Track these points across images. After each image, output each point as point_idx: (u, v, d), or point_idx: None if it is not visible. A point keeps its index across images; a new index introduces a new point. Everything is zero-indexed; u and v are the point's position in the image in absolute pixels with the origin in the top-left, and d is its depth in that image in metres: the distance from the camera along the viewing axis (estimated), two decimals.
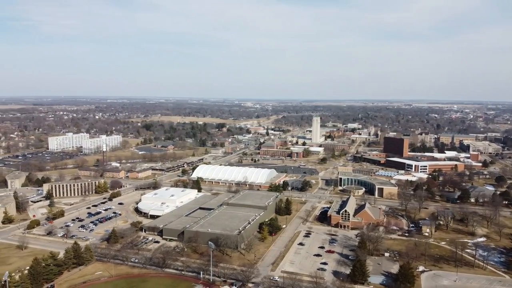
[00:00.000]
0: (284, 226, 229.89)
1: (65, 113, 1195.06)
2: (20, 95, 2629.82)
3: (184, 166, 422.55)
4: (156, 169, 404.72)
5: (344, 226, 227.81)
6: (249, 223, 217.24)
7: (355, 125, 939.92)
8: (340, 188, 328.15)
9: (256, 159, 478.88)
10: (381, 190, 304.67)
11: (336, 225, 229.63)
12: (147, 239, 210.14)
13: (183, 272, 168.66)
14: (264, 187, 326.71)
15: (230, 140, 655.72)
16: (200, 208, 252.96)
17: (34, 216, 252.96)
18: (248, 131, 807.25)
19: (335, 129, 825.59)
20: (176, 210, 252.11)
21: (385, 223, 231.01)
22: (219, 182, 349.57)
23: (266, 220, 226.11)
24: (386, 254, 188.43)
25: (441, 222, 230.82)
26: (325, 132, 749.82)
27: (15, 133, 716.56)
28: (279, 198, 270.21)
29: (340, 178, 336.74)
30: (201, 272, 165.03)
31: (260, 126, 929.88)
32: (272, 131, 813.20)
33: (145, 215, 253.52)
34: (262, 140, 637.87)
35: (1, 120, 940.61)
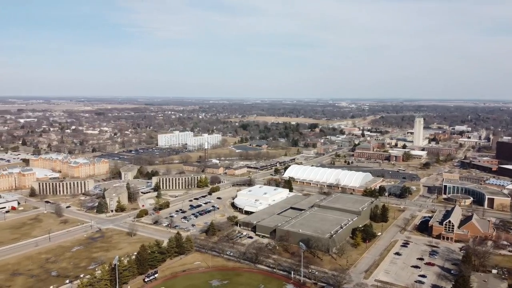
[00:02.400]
0: (379, 233, 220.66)
1: (172, 112, 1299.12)
2: (134, 96, 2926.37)
3: (276, 165, 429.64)
4: (251, 167, 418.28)
5: (447, 238, 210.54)
6: (341, 227, 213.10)
7: (463, 128, 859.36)
8: (444, 196, 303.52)
9: (350, 161, 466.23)
10: (491, 200, 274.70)
11: (438, 237, 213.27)
12: (242, 233, 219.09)
13: (274, 270, 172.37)
14: (358, 191, 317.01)
15: (322, 140, 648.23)
16: (291, 208, 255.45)
17: (143, 206, 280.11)
18: (342, 132, 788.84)
19: (440, 132, 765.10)
20: (269, 208, 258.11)
21: (494, 237, 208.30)
22: (310, 183, 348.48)
23: (360, 226, 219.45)
24: (494, 271, 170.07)
25: None
26: (429, 134, 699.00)
27: (129, 130, 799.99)
28: (374, 204, 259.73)
29: (445, 186, 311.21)
30: (292, 272, 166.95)
31: (355, 126, 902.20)
32: (368, 132, 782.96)
33: (240, 210, 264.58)
34: (357, 142, 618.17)
35: (118, 118, 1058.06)
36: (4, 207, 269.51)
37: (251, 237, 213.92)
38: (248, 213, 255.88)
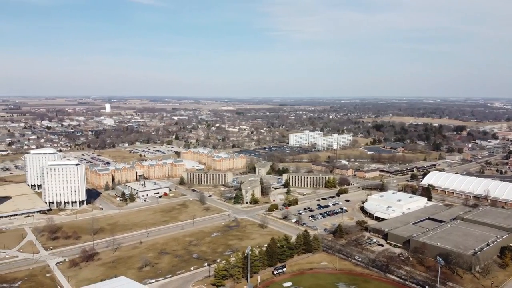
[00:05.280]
0: None
1: (304, 112, 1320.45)
2: (270, 97, 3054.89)
3: (413, 171, 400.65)
4: (384, 171, 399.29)
5: None
6: (487, 244, 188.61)
7: None
8: None
9: (503, 171, 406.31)
10: None
11: None
12: (371, 240, 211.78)
13: (406, 282, 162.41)
14: (511, 205, 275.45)
15: (470, 145, 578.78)
16: (429, 219, 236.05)
17: (274, 200, 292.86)
18: (495, 136, 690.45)
19: None
20: (402, 216, 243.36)
21: None
22: (453, 193, 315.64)
23: (511, 244, 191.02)
24: None
25: None
26: None
27: (264, 128, 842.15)
28: None
29: None
30: (426, 287, 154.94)
31: (511, 130, 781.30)
32: None
33: (370, 215, 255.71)
34: None
35: (255, 117, 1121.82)
36: (158, 193, 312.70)
37: (381, 245, 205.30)
38: (378, 219, 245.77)
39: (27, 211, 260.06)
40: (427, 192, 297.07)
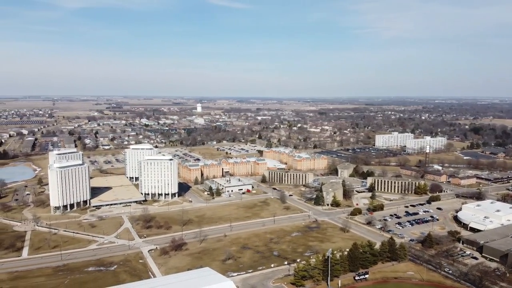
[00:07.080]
0: None
1: (392, 113, 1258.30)
2: (355, 96, 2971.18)
3: None
4: (482, 178, 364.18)
5: None
6: None
7: None
8: None
9: None
10: None
11: None
12: (464, 252, 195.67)
13: None
14: None
15: None
16: None
17: (357, 204, 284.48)
18: None
19: None
20: (501, 228, 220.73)
21: None
22: None
23: None
24: None
25: None
26: None
27: (348, 129, 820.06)
28: None
29: None
30: None
31: None
32: None
33: (464, 226, 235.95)
34: None
35: (338, 118, 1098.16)
36: (241, 189, 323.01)
37: (475, 258, 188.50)
38: (474, 230, 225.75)
39: (125, 201, 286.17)
40: None
